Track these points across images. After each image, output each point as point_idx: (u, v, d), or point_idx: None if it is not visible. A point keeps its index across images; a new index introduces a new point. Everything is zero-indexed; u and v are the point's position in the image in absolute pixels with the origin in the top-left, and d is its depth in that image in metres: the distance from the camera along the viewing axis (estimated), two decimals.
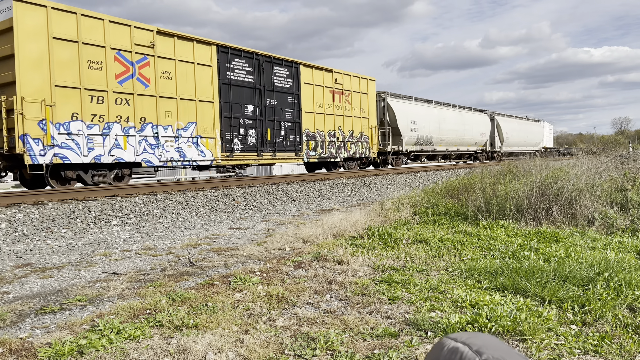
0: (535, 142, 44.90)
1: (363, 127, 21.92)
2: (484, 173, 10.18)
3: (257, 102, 16.32)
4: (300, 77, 18.15)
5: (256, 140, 16.30)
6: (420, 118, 26.74)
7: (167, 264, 5.73)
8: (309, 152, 18.56)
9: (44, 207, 8.91)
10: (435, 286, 4.38)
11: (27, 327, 3.64)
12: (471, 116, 33.33)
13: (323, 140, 19.31)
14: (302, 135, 18.20)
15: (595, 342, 3.18)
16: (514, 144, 39.35)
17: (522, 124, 42.43)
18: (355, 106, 21.46)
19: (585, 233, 6.47)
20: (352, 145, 21.13)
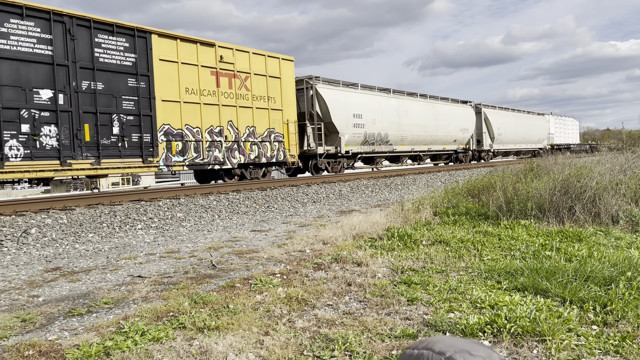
0: (537, 138, 39.44)
1: (273, 122, 16.32)
2: (505, 172, 10.07)
3: (62, 85, 11.11)
4: (152, 52, 12.75)
5: (59, 142, 10.96)
6: (369, 111, 20.98)
7: (190, 266, 5.85)
8: (172, 157, 13.20)
9: (72, 212, 9.16)
10: (455, 287, 4.38)
11: (56, 329, 3.78)
12: (447, 109, 27.24)
13: (199, 140, 13.93)
14: (156, 134, 12.77)
15: (617, 342, 3.15)
16: (509, 140, 34.25)
17: (519, 117, 36.62)
18: (259, 94, 15.81)
19: (609, 232, 6.37)
20: (254, 146, 15.63)
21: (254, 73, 15.65)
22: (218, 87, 14.54)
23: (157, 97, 12.86)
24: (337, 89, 20.08)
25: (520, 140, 36.41)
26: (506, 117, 34.17)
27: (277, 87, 16.49)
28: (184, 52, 13.62)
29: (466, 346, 0.77)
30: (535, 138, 38.91)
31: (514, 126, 34.64)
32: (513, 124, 34.60)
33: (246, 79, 15.42)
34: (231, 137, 14.90)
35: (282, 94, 16.66)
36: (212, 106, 14.39)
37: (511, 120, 34.67)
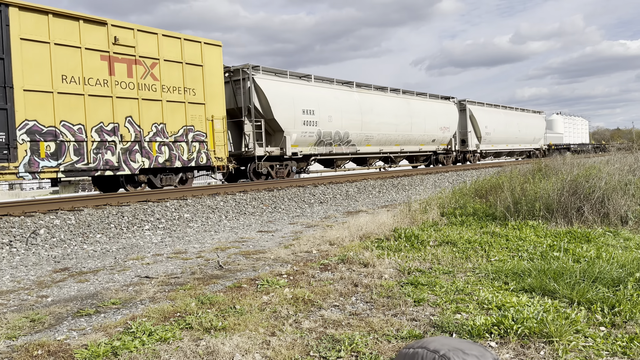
0: (532, 137, 36.22)
1: (192, 118, 13.56)
2: (513, 172, 10.03)
3: None
4: (9, 28, 10.06)
5: None
6: (325, 106, 18.20)
7: (197, 267, 5.88)
8: (39, 162, 10.44)
9: (80, 213, 9.22)
10: (462, 288, 4.37)
11: (64, 329, 3.81)
12: (424, 105, 23.94)
13: (82, 140, 11.19)
14: (14, 132, 10.06)
15: (624, 343, 3.13)
16: (499, 140, 31.14)
17: (511, 115, 33.45)
18: (172, 84, 13.08)
19: (618, 232, 6.32)
20: (164, 147, 12.84)
21: (165, 59, 12.89)
22: (112, 76, 11.78)
23: (16, 86, 10.10)
24: (282, 81, 17.24)
25: (513, 140, 33.43)
26: (495, 114, 31.09)
27: (199, 77, 13.71)
28: (60, 30, 10.89)
29: (460, 345, 0.78)
30: (529, 137, 35.78)
31: (504, 125, 31.68)
32: (503, 122, 31.66)
33: (153, 66, 12.63)
34: (130, 136, 12.06)
35: (204, 85, 13.83)
36: (103, 98, 11.60)
37: (501, 118, 31.69)
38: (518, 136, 33.94)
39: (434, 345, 0.76)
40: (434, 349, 0.76)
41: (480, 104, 30.41)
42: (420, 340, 0.80)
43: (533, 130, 36.49)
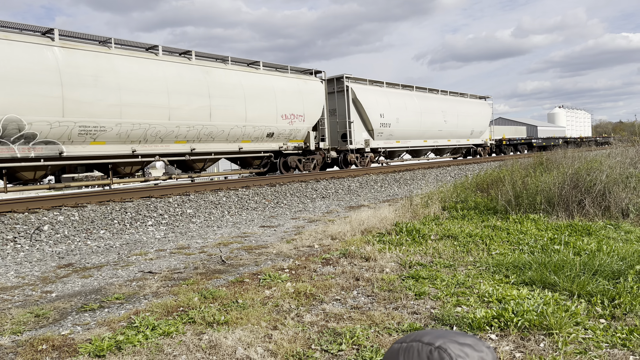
0: (470, 131, 27.79)
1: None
2: (515, 166, 10.03)
3: None
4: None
5: None
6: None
7: (199, 262, 5.91)
8: None
9: (84, 209, 9.27)
10: (462, 281, 4.40)
11: (68, 324, 3.85)
12: (242, 78, 15.16)
13: None
14: None
15: (624, 335, 3.15)
16: (410, 134, 22.78)
17: (430, 100, 24.74)
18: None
19: (619, 225, 6.33)
20: None
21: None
22: None
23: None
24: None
25: (436, 135, 24.92)
26: (400, 98, 22.48)
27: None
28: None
29: (454, 336, 0.80)
30: (465, 131, 27.47)
31: (418, 113, 23.27)
32: (416, 109, 23.28)
33: None
34: None
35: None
36: None
37: (412, 104, 23.21)
38: (445, 129, 25.43)
39: (428, 338, 0.78)
40: (428, 341, 0.78)
41: (371, 83, 21.68)
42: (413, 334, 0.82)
43: (472, 120, 27.78)
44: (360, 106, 20.26)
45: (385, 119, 21.25)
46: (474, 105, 28.99)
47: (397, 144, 22.65)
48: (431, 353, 0.77)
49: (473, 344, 0.78)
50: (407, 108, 22.76)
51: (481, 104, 30.31)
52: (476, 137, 29.15)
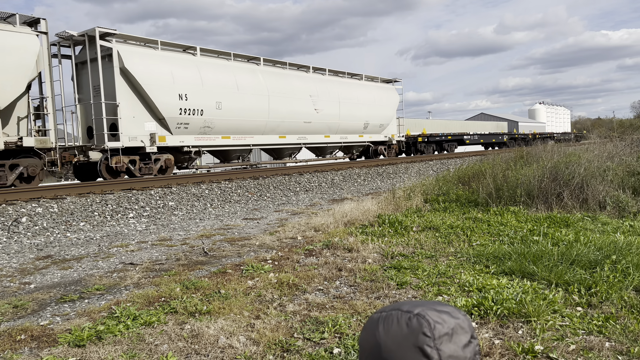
0: (361, 123, 20.41)
1: None
2: (496, 159, 10.16)
3: None
4: None
5: None
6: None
7: (181, 254, 5.88)
8: None
9: (63, 201, 9.13)
10: (444, 271, 4.45)
11: (47, 315, 3.80)
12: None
13: None
14: None
15: (600, 322, 3.22)
16: (247, 129, 15.95)
17: (287, 78, 17.43)
18: None
19: (597, 217, 6.46)
20: None
21: None
22: None
23: None
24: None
25: (301, 129, 17.85)
26: (226, 73, 15.23)
27: None
28: None
29: (433, 305, 0.81)
30: (355, 124, 20.12)
31: (263, 96, 16.10)
32: (260, 90, 16.03)
33: None
34: None
35: None
36: None
37: (253, 83, 15.89)
38: (318, 120, 18.19)
39: (407, 307, 0.80)
40: (407, 309, 0.79)
41: (165, 47, 14.16)
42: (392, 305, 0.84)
43: (367, 110, 20.48)
44: (136, 82, 12.91)
45: (192, 102, 14.04)
46: (371, 91, 21.18)
47: (223, 140, 15.33)
48: (410, 320, 0.78)
49: (450, 311, 0.80)
50: (240, 88, 15.18)
51: (383, 88, 22.45)
52: (374, 132, 21.65)
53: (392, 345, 0.78)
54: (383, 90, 22.58)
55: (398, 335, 0.79)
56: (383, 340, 0.80)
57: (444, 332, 0.77)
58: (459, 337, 0.78)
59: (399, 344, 0.78)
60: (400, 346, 0.78)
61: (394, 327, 0.79)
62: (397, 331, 0.79)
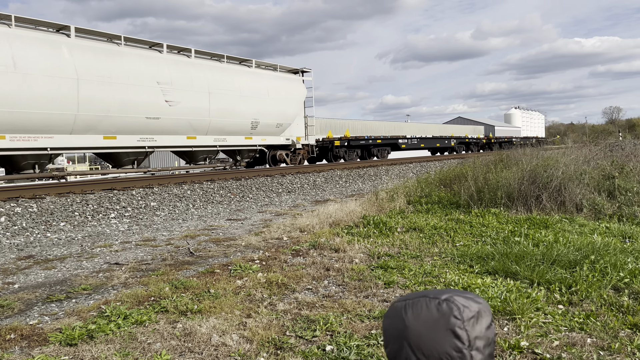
0: (248, 122, 16.08)
1: None
2: (476, 162, 10.36)
3: None
4: None
5: None
6: None
7: (167, 254, 5.86)
8: None
9: (42, 200, 8.99)
10: (429, 271, 4.54)
11: (35, 314, 3.77)
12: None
13: None
14: None
15: (581, 320, 3.34)
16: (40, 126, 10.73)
17: (119, 58, 12.34)
18: None
19: (574, 219, 6.66)
20: None
21: None
22: None
23: None
24: None
25: (144, 127, 13.17)
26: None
27: None
28: None
29: (456, 292, 0.89)
30: (239, 123, 15.90)
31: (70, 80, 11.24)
32: (66, 73, 11.15)
33: None
34: None
35: None
36: None
37: (51, 62, 10.91)
38: (173, 117, 13.69)
39: (433, 294, 0.86)
40: (434, 296, 0.86)
41: None
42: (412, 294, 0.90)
43: (257, 105, 16.28)
44: None
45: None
46: (262, 81, 16.78)
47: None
48: (440, 305, 0.85)
49: (473, 297, 0.87)
50: (20, 68, 10.40)
51: (282, 79, 17.96)
52: (269, 133, 17.32)
53: (422, 329, 0.85)
54: (282, 80, 17.74)
55: (429, 319, 0.85)
56: (412, 324, 0.86)
57: (470, 315, 0.84)
58: (483, 319, 0.85)
59: (430, 327, 0.84)
60: (431, 329, 0.84)
61: (424, 312, 0.86)
62: (427, 315, 0.85)
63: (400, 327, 0.87)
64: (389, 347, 0.91)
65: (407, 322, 0.87)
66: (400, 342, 0.87)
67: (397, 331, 0.88)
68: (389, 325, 0.91)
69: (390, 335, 0.90)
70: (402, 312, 0.88)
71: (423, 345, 0.85)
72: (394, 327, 0.89)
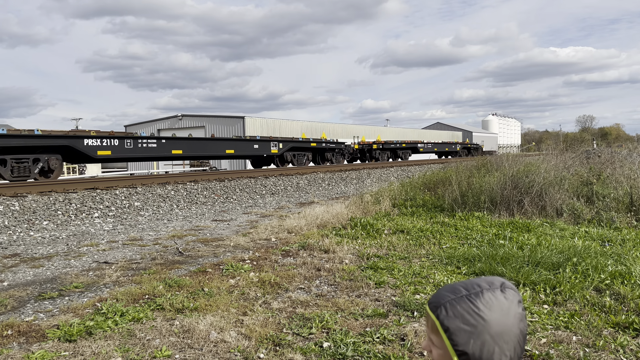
0: None
1: None
2: (459, 167, 10.56)
3: None
4: None
5: None
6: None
7: (156, 253, 5.86)
8: None
9: (24, 199, 8.86)
10: (418, 272, 4.66)
11: (29, 311, 3.76)
12: None
13: None
14: None
15: (566, 319, 3.49)
16: None
17: None
18: None
19: (554, 223, 6.87)
20: None
21: None
22: None
23: None
24: None
25: None
26: None
27: None
28: None
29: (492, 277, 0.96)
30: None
31: None
32: None
33: None
34: None
35: None
36: None
37: None
38: None
39: (484, 283, 0.93)
40: (487, 286, 0.93)
41: None
42: (450, 288, 0.96)
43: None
44: None
45: None
46: None
47: None
48: (504, 292, 0.91)
49: (506, 279, 0.95)
50: None
51: None
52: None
53: (501, 318, 0.91)
54: None
55: (504, 307, 0.91)
56: (489, 316, 0.91)
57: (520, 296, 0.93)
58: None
59: (505, 314, 0.91)
60: (505, 316, 0.91)
61: (495, 302, 0.91)
62: (499, 305, 0.91)
63: (478, 321, 0.91)
64: (471, 346, 0.91)
65: (484, 315, 0.92)
66: (483, 337, 0.92)
67: (475, 327, 0.91)
68: (462, 324, 0.92)
69: (468, 334, 0.91)
70: (472, 308, 0.91)
71: (505, 333, 0.91)
72: (470, 324, 0.91)
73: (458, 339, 0.92)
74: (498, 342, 0.91)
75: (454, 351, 0.93)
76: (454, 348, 0.93)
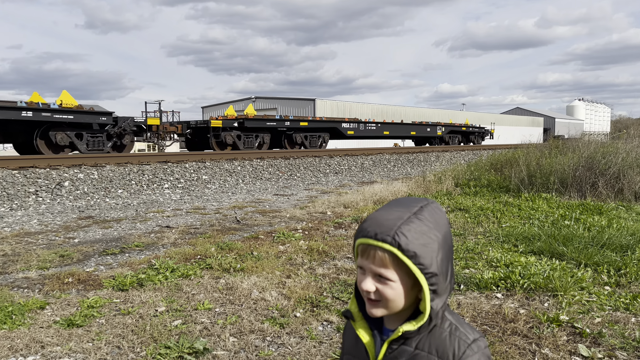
0: None
1: None
2: (530, 147, 10.04)
3: None
4: None
5: None
6: None
7: (215, 221, 6.08)
8: None
9: (103, 168, 9.48)
10: (472, 248, 4.50)
11: (92, 264, 4.04)
12: None
13: None
14: None
15: (628, 300, 3.23)
16: None
17: None
18: None
19: (631, 207, 6.36)
20: None
21: None
22: None
23: None
24: None
25: None
26: None
27: None
28: None
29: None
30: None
31: None
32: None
33: None
34: None
35: None
36: None
37: None
38: None
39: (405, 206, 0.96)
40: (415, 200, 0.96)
41: None
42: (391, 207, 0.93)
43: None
44: None
45: None
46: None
47: None
48: (434, 203, 0.93)
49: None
50: None
51: None
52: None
53: (446, 228, 0.93)
54: None
55: (444, 217, 0.92)
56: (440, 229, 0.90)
57: None
58: None
59: (447, 222, 0.94)
60: (447, 224, 0.93)
61: (438, 214, 0.91)
62: (441, 216, 0.91)
63: (437, 237, 0.85)
64: (437, 263, 0.88)
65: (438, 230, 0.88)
66: (442, 251, 0.89)
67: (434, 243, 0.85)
68: (423, 244, 0.88)
69: (431, 252, 0.88)
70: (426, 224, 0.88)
71: (450, 240, 0.93)
72: (429, 242, 0.87)
73: (425, 261, 0.85)
74: (449, 252, 0.90)
75: (422, 275, 0.87)
76: (422, 272, 0.87)
